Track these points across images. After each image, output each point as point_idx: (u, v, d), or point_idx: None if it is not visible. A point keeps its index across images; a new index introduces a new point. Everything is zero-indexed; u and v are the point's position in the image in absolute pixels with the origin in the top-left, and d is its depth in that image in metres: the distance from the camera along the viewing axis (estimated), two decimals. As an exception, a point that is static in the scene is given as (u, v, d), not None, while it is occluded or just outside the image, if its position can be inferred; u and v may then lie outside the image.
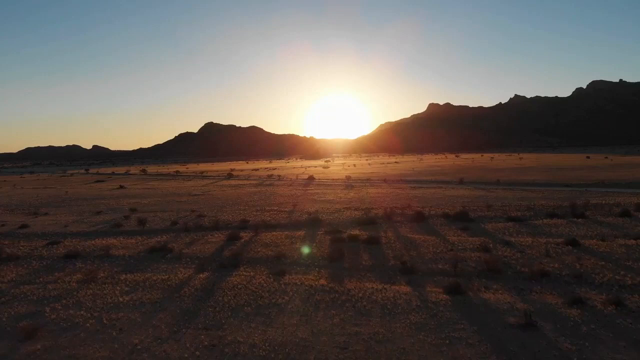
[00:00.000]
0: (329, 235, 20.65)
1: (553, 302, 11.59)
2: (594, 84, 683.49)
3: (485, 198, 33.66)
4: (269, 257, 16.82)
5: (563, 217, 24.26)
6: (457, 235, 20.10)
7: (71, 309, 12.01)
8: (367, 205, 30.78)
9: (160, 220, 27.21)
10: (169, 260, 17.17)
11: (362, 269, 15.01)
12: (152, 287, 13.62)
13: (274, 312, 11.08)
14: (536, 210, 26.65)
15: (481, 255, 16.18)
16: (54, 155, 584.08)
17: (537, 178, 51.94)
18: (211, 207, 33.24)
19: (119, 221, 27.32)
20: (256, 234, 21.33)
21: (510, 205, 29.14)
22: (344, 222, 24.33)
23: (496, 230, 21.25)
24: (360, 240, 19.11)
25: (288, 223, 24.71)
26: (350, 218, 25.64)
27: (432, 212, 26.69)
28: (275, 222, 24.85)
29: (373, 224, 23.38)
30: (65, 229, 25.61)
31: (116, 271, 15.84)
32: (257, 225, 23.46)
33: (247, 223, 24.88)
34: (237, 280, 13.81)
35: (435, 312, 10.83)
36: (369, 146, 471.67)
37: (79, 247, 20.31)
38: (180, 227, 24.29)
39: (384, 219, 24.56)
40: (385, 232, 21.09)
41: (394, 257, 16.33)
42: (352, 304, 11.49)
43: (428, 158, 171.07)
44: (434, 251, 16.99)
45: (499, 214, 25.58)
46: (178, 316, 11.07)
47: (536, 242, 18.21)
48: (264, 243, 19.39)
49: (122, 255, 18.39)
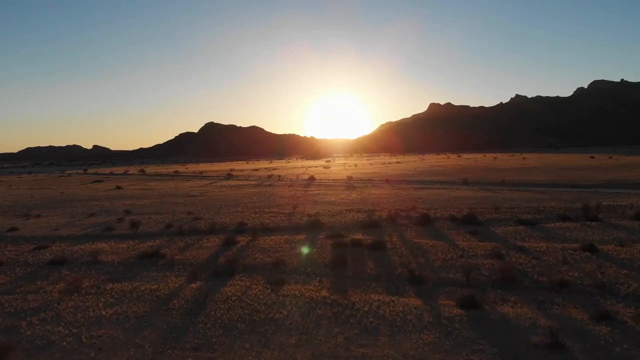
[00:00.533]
0: (330, 239, 19.57)
1: (578, 317, 10.50)
2: (595, 84, 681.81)
3: (492, 199, 32.56)
4: (267, 264, 15.73)
5: (576, 220, 23.17)
6: (466, 240, 19.01)
7: (49, 324, 10.95)
8: (370, 207, 29.69)
9: (155, 223, 26.13)
10: (160, 268, 16.08)
11: (367, 277, 13.91)
12: (139, 298, 12.54)
13: (271, 329, 9.99)
14: (547, 213, 25.55)
15: (494, 263, 15.09)
16: (54, 155, 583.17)
17: (542, 178, 50.85)
18: (208, 208, 32.16)
19: (112, 224, 26.24)
20: (254, 238, 20.25)
21: (518, 207, 28.04)
22: (346, 225, 23.24)
23: (507, 234, 20.15)
24: (364, 245, 18.02)
25: (287, 226, 23.62)
26: (352, 221, 24.55)
27: (438, 214, 25.59)
28: (274, 225, 23.76)
29: (377, 227, 22.30)
30: (55, 232, 24.54)
31: (102, 280, 14.76)
32: (255, 229, 22.38)
33: (244, 226, 23.80)
34: (231, 291, 12.73)
35: (450, 329, 9.74)
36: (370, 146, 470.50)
37: (67, 252, 19.23)
38: (175, 231, 23.22)
39: (388, 222, 23.47)
40: (390, 236, 19.99)
41: (400, 264, 15.23)
42: (357, 319, 10.40)
43: (430, 158, 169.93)
44: (444, 258, 15.89)
45: (508, 217, 24.48)
46: (165, 334, 9.99)
47: (551, 248, 17.12)
48: (261, 248, 18.30)
49: (111, 261, 17.31)
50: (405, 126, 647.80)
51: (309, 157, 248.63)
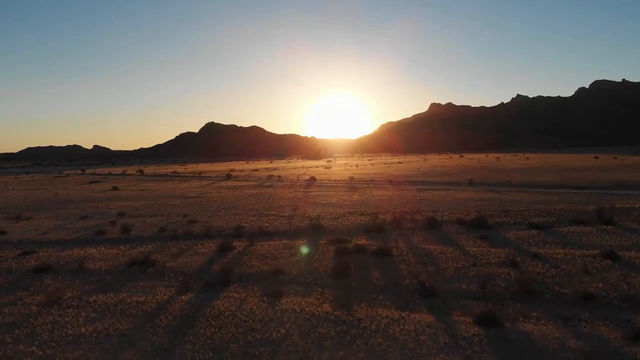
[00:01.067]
0: (332, 244, 18.44)
1: (610, 336, 9.38)
2: (597, 84, 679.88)
3: (499, 201, 31.42)
4: (264, 273, 14.61)
5: (590, 224, 22.01)
6: (477, 246, 17.87)
7: (22, 343, 9.86)
8: (373, 210, 28.55)
9: (148, 227, 25.01)
10: (149, 276, 14.97)
11: (373, 289, 12.78)
12: (124, 313, 11.43)
13: (267, 352, 8.87)
14: (558, 216, 24.40)
15: (510, 272, 13.97)
16: (54, 155, 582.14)
17: (548, 179, 49.67)
18: (205, 211, 31.04)
19: (103, 227, 25.13)
20: (251, 243, 19.12)
21: (528, 209, 26.89)
22: (348, 229, 22.11)
23: (520, 239, 19.01)
24: (369, 251, 16.89)
25: (287, 230, 22.50)
26: (355, 224, 23.42)
27: (445, 217, 24.45)
28: (273, 229, 22.63)
29: (381, 232, 21.16)
30: (44, 237, 23.43)
31: (87, 290, 13.65)
32: (253, 233, 21.26)
33: (242, 230, 22.67)
34: (224, 305, 11.61)
35: (470, 353, 8.61)
36: (370, 146, 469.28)
37: (53, 258, 18.14)
38: (169, 235, 22.10)
39: (393, 226, 22.33)
40: (396, 241, 18.86)
41: (409, 273, 14.10)
42: (364, 340, 9.27)
43: (432, 158, 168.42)
44: (455, 266, 14.75)
45: (519, 220, 23.33)
46: (147, 356, 8.88)
47: (569, 255, 15.98)
48: (259, 254, 17.18)
49: (99, 269, 16.20)
50: (406, 126, 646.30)
51: (310, 157, 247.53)
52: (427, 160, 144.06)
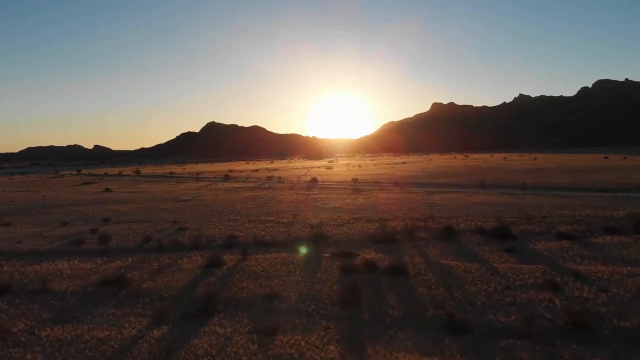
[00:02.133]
0: (337, 259, 16.06)
1: None
2: (600, 83, 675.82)
3: (517, 206, 28.99)
4: (257, 298, 12.23)
5: (625, 234, 19.60)
6: (504, 261, 15.47)
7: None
8: (381, 215, 26.14)
9: (132, 235, 22.63)
10: (121, 301, 12.60)
11: (390, 322, 10.39)
12: (78, 354, 9.07)
13: None
14: (588, 224, 21.98)
15: (553, 298, 11.59)
16: (54, 155, 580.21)
17: (562, 181, 47.16)
18: (197, 216, 28.67)
19: (83, 236, 22.77)
20: (244, 257, 16.73)
21: (551, 215, 24.47)
22: (355, 239, 19.72)
23: (552, 252, 16.61)
24: (381, 268, 14.50)
25: (286, 240, 20.10)
26: (362, 233, 21.02)
27: (462, 225, 22.03)
28: (270, 239, 20.24)
29: (392, 243, 18.76)
30: (15, 247, 21.06)
31: (43, 320, 11.31)
32: (247, 244, 18.89)
33: (235, 240, 20.28)
34: (204, 346, 9.24)
35: None
36: (372, 146, 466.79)
37: (17, 275, 15.77)
38: (153, 246, 19.72)
39: (404, 235, 19.92)
40: (411, 255, 16.45)
41: (431, 299, 11.71)
42: (385, 408, 6.87)
43: (436, 158, 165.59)
44: (485, 290, 12.35)
45: (545, 229, 20.92)
46: None
47: (616, 274, 13.58)
48: (252, 272, 14.79)
49: (64, 290, 13.83)
50: (408, 126, 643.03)
51: (311, 157, 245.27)
52: (431, 160, 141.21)
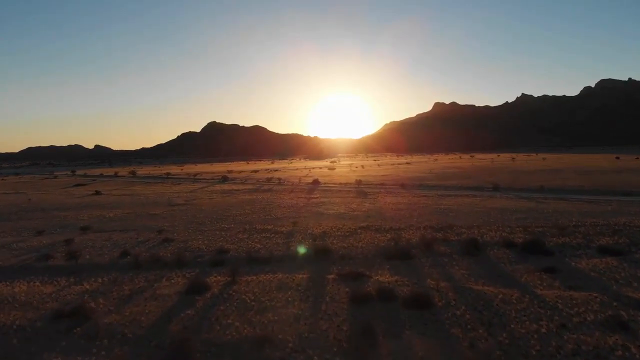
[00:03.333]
0: (344, 282, 13.31)
1: None
2: (602, 83, 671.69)
3: (541, 212, 26.22)
4: (244, 342, 9.49)
5: (679, 247, 16.84)
6: (548, 286, 12.72)
7: None
8: (391, 224, 23.38)
9: (110, 248, 19.91)
10: (73, 343, 9.88)
11: (421, 387, 7.63)
12: None
13: None
14: (629, 235, 19.23)
15: (626, 343, 8.82)
16: (55, 155, 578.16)
17: (580, 183, 44.26)
18: (188, 223, 25.95)
19: (54, 249, 20.09)
20: (233, 278, 13.99)
21: (583, 224, 21.71)
22: (364, 255, 16.98)
23: (599, 273, 13.84)
24: (399, 297, 11.74)
25: (284, 255, 17.36)
26: (372, 246, 18.28)
27: (486, 236, 19.27)
28: (266, 254, 17.50)
29: (408, 259, 16.02)
30: (-26, 261, 18.36)
31: (-38, 374, 8.57)
32: (239, 260, 16.19)
33: (225, 255, 17.56)
34: None
35: None
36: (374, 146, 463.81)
37: (-41, 301, 13.05)
38: (129, 262, 17.01)
39: (422, 249, 17.18)
40: (434, 278, 13.66)
41: (470, 346, 8.94)
42: None
43: (441, 159, 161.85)
44: (537, 331, 9.57)
45: (582, 242, 18.16)
46: None
47: (695, 306, 10.79)
48: (241, 301, 12.04)
49: (10, 324, 11.12)
50: (410, 126, 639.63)
51: (313, 157, 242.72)
52: (437, 161, 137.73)
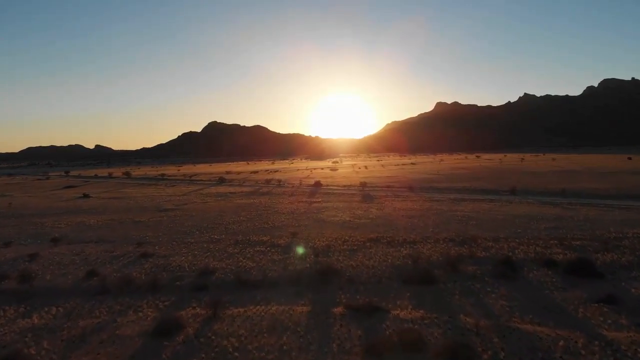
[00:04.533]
0: (356, 321, 10.45)
1: None
2: (606, 82, 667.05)
3: (572, 221, 23.33)
4: None
5: None
6: (613, 324, 9.87)
7: None
8: (404, 234, 20.48)
9: (77, 266, 17.05)
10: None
11: None
12: None
13: None
14: (687, 250, 16.32)
15: None
16: (55, 155, 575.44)
17: (602, 186, 41.16)
18: (173, 234, 23.10)
19: (14, 266, 17.26)
20: (215, 312, 11.13)
21: (626, 236, 18.85)
22: (377, 277, 14.11)
23: (679, 306, 10.96)
24: (430, 345, 8.87)
25: (280, 277, 14.50)
26: (385, 265, 15.40)
27: (518, 251, 16.39)
28: (259, 275, 14.64)
29: (431, 283, 13.17)
30: None
31: None
32: (225, 284, 13.35)
33: (210, 277, 14.69)
34: None
35: None
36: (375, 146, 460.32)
37: None
38: (95, 285, 14.18)
39: (446, 270, 14.31)
40: (468, 311, 10.79)
41: None
42: None
43: (447, 159, 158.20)
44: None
45: (631, 258, 15.31)
46: None
47: None
48: (221, 352, 9.14)
49: None
50: (411, 125, 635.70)
51: (314, 158, 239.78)
52: (442, 161, 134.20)
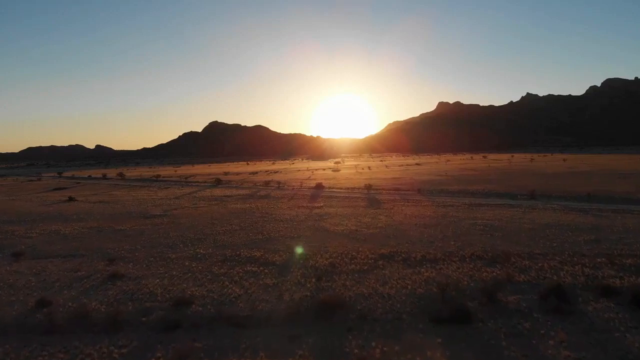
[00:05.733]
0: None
1: None
2: (609, 82, 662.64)
3: (612, 231, 20.31)
4: None
5: None
6: None
7: None
8: (421, 249, 17.49)
9: (29, 290, 14.13)
10: None
11: None
12: None
13: None
14: None
15: None
16: (55, 155, 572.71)
17: (628, 189, 37.86)
18: (153, 247, 20.13)
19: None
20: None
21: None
22: (395, 312, 11.18)
23: None
24: None
25: (272, 310, 11.55)
26: (404, 294, 12.46)
27: (564, 273, 13.43)
28: (246, 308, 11.70)
29: (467, 322, 10.25)
30: None
31: None
32: (202, 322, 10.44)
33: (186, 309, 11.75)
34: None
35: None
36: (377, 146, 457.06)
37: None
38: (42, 321, 11.27)
39: (482, 302, 11.37)
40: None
41: None
42: None
43: (453, 159, 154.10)
44: None
45: None
46: None
47: None
48: None
49: None
50: (413, 125, 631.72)
51: (315, 158, 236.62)
52: (449, 161, 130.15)
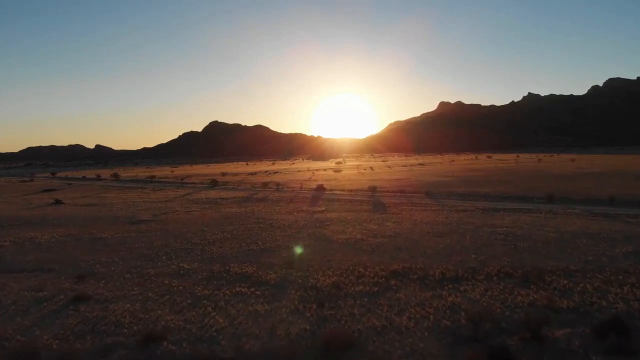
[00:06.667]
0: None
1: None
2: (611, 82, 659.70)
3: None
4: None
5: None
6: None
7: None
8: (439, 264, 15.20)
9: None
10: None
11: None
12: None
13: None
14: None
15: None
16: (55, 155, 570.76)
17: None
18: (133, 259, 17.84)
19: None
20: None
21: None
22: (418, 353, 8.91)
23: None
24: None
25: (262, 352, 9.28)
26: (426, 327, 10.21)
27: (613, 297, 11.17)
28: (230, 349, 9.44)
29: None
30: None
31: None
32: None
33: (154, 350, 9.47)
34: None
35: None
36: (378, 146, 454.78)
37: None
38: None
39: (523, 338, 9.11)
40: None
41: None
42: None
43: (457, 159, 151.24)
44: None
45: None
46: None
47: None
48: None
49: None
50: (414, 125, 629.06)
51: (316, 158, 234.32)
52: (453, 162, 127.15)
